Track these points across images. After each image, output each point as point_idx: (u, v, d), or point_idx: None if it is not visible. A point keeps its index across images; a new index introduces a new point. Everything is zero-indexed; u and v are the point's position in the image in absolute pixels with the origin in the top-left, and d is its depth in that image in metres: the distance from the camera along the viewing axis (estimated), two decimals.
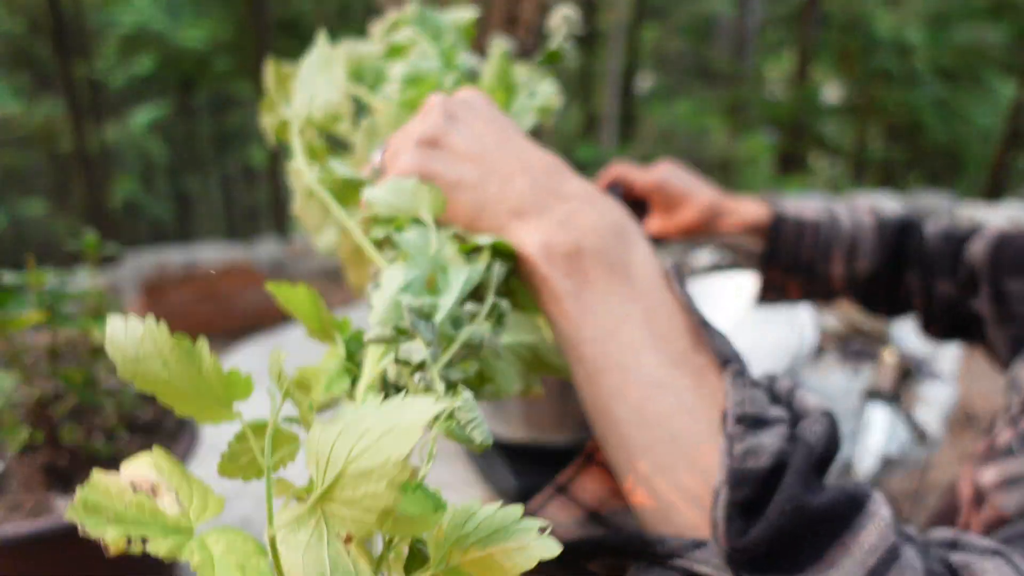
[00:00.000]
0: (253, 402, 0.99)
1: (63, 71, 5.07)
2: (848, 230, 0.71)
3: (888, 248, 0.69)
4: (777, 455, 0.28)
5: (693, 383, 0.30)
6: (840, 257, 0.70)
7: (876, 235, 0.70)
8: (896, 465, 1.02)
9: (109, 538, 0.22)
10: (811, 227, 0.72)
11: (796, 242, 0.71)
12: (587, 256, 0.31)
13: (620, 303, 0.31)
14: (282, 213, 5.98)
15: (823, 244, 0.71)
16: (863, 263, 0.69)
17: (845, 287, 0.71)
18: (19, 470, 0.66)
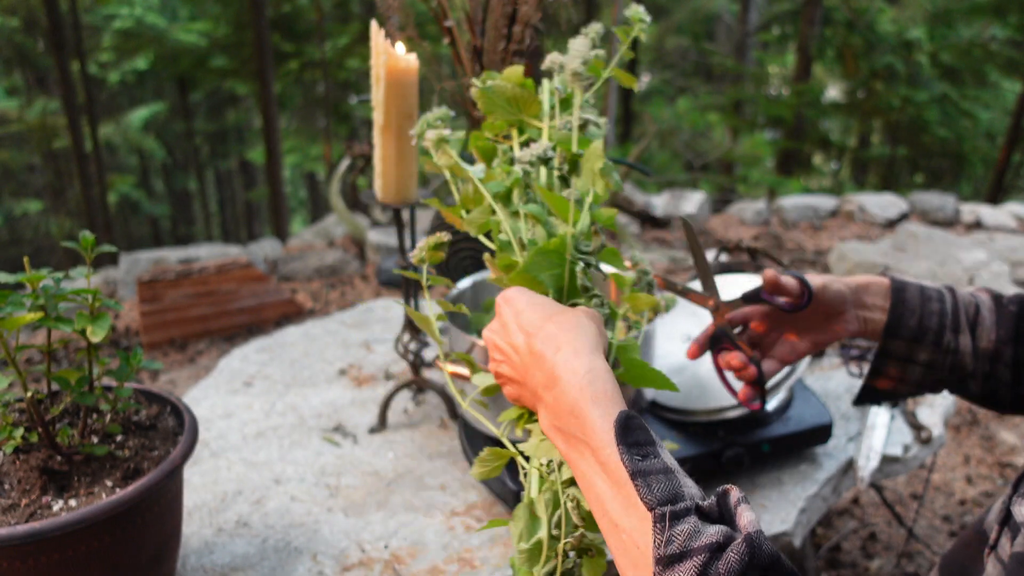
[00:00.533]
0: (254, 402, 0.98)
1: (59, 69, 5.06)
2: (969, 300, 0.66)
3: (1008, 322, 0.64)
4: None
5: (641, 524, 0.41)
6: (967, 329, 0.64)
7: (995, 308, 0.65)
8: (898, 465, 1.02)
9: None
10: (935, 292, 0.67)
11: (921, 306, 0.65)
12: (563, 429, 0.48)
13: (585, 459, 0.46)
14: (280, 213, 5.97)
15: (951, 311, 0.65)
16: (985, 340, 0.64)
17: (972, 368, 0.64)
18: (14, 471, 0.66)
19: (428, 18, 1.37)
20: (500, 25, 0.98)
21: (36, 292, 0.64)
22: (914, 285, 0.67)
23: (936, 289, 0.67)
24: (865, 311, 0.67)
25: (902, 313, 0.65)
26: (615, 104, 6.97)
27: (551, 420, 0.49)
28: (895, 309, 0.65)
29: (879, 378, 0.67)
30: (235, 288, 2.65)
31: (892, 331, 0.65)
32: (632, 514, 0.41)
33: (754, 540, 0.38)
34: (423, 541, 0.82)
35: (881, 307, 0.67)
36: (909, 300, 0.65)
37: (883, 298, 0.67)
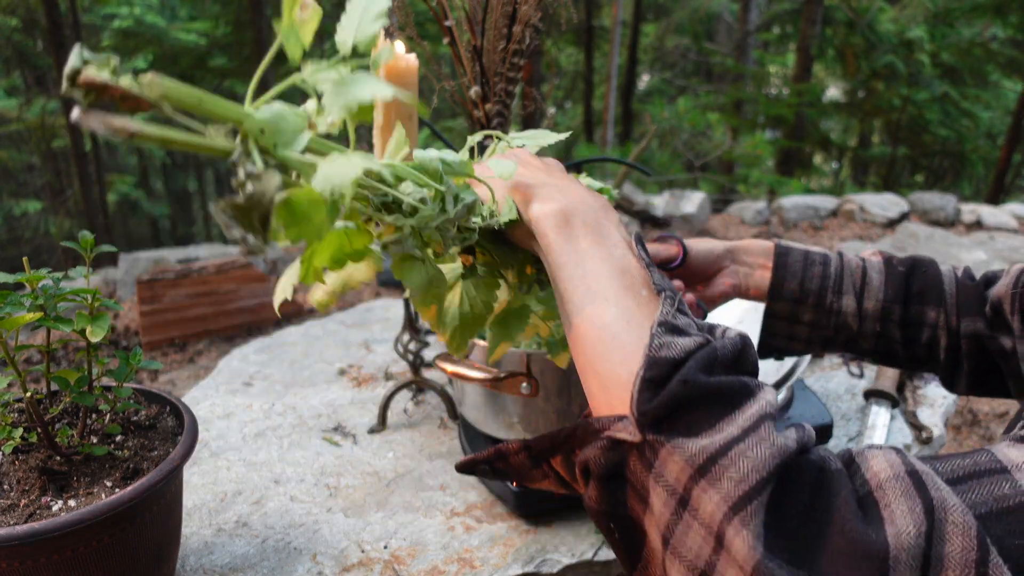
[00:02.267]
0: (253, 402, 0.98)
1: (58, 69, 5.05)
2: (856, 263, 0.68)
3: (898, 282, 0.65)
4: (687, 350, 0.37)
5: (636, 303, 0.41)
6: (851, 291, 0.66)
7: (885, 269, 0.67)
8: None
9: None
10: (819, 257, 0.69)
11: (803, 271, 0.67)
12: (574, 216, 0.47)
13: (592, 248, 0.45)
14: None
15: (834, 274, 0.67)
16: (873, 300, 0.65)
17: (858, 328, 0.66)
18: (13, 471, 0.66)
19: (428, 18, 1.36)
20: (500, 25, 0.98)
21: (35, 292, 0.64)
22: (798, 250, 0.69)
23: (822, 254, 0.69)
24: (746, 268, 0.71)
25: (784, 276, 0.68)
26: (615, 104, 6.96)
27: (564, 205, 0.47)
28: (776, 272, 0.68)
29: (771, 336, 0.71)
30: (235, 288, 2.65)
31: (775, 293, 0.68)
32: (633, 299, 0.42)
33: (747, 339, 0.39)
34: (423, 541, 0.82)
35: (763, 265, 0.70)
36: (791, 264, 0.68)
37: (765, 257, 0.70)
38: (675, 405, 0.36)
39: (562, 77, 9.11)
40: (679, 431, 0.35)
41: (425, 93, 3.16)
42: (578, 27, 7.28)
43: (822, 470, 0.34)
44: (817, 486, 0.33)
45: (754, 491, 0.32)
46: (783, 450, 0.33)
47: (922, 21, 6.43)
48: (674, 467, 0.35)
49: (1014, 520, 0.32)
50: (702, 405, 0.36)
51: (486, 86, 1.01)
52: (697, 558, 0.34)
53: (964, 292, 0.65)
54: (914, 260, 0.68)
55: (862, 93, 7.03)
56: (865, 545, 0.31)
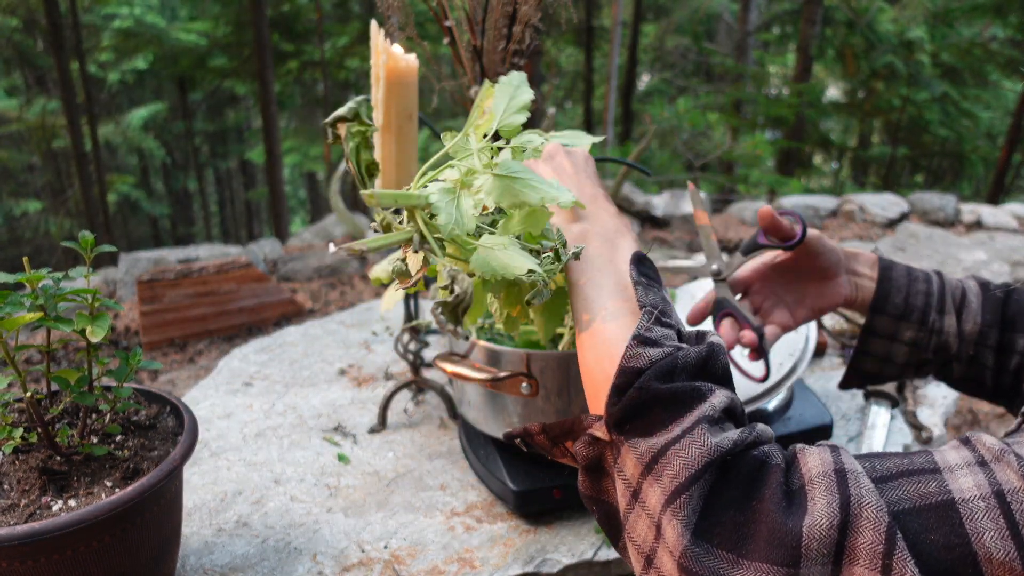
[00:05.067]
0: (253, 402, 0.98)
1: (58, 69, 5.05)
2: (956, 284, 0.66)
3: (995, 307, 0.64)
4: (652, 360, 0.42)
5: (629, 311, 0.47)
6: (952, 310, 0.64)
7: (982, 293, 0.65)
8: None
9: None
10: (922, 274, 0.67)
11: (908, 286, 0.65)
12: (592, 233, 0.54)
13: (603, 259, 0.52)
14: (280, 212, 5.97)
15: (937, 292, 0.65)
16: (971, 323, 0.64)
17: (956, 350, 0.64)
18: (13, 471, 0.66)
19: (428, 18, 1.36)
20: (500, 25, 0.98)
21: (35, 292, 0.64)
22: (901, 265, 0.68)
23: (923, 271, 0.67)
24: (856, 278, 0.68)
25: (889, 290, 0.65)
26: (615, 104, 6.96)
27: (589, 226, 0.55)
28: (882, 285, 0.66)
29: (865, 359, 0.68)
30: (235, 288, 2.65)
31: (878, 307, 0.66)
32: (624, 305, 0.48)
33: (713, 347, 0.44)
34: (423, 541, 0.82)
35: (870, 276, 0.67)
36: (896, 278, 0.66)
37: (871, 269, 0.68)
38: (633, 409, 0.41)
39: (562, 77, 9.11)
40: (637, 431, 0.41)
41: (425, 93, 3.15)
42: (578, 27, 7.27)
43: (762, 465, 0.38)
44: (751, 479, 0.37)
45: (684, 486, 0.37)
46: (714, 450, 0.37)
47: (922, 21, 6.43)
48: (629, 463, 0.40)
49: (932, 516, 0.34)
50: (657, 408, 0.40)
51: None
52: (643, 543, 0.39)
53: None
54: (1009, 286, 0.66)
55: (862, 93, 7.02)
56: (783, 532, 0.34)
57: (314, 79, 7.90)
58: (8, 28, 6.49)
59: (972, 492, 0.35)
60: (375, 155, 0.92)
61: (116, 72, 7.94)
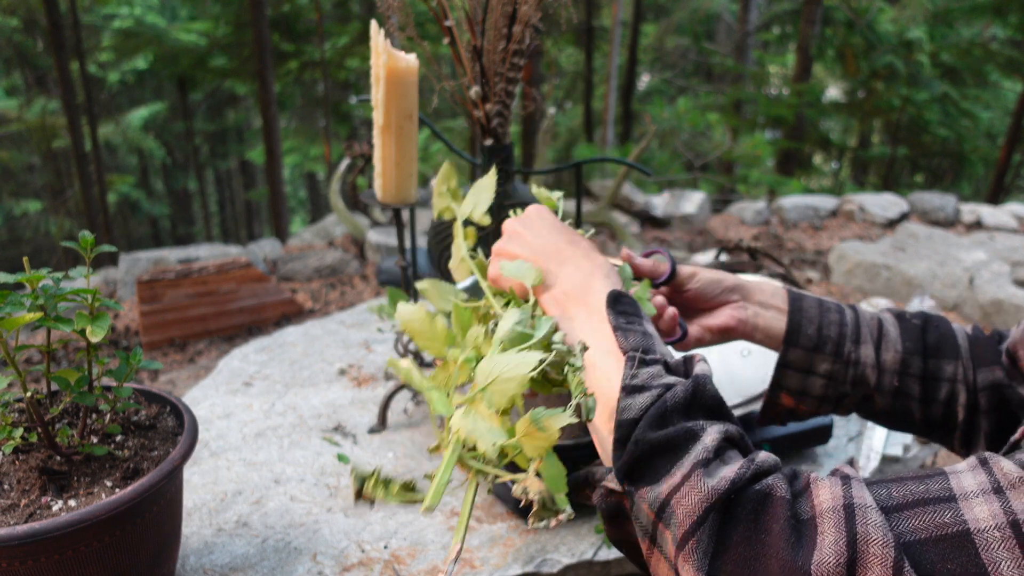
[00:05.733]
0: (253, 402, 0.98)
1: (58, 69, 5.05)
2: (871, 316, 0.65)
3: (915, 335, 0.63)
4: (643, 408, 0.44)
5: (615, 360, 0.50)
6: (869, 340, 0.63)
7: (898, 323, 0.64)
8: (898, 465, 1.02)
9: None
10: (833, 305, 0.65)
11: (820, 316, 0.64)
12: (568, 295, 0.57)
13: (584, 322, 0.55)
14: (280, 212, 5.97)
15: (851, 323, 0.64)
16: (891, 351, 0.62)
17: (876, 382, 0.62)
18: (14, 471, 0.66)
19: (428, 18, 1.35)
20: (500, 25, 0.98)
21: (36, 292, 0.64)
22: (811, 296, 0.66)
23: (835, 302, 0.66)
24: (759, 308, 0.66)
25: (800, 321, 0.64)
26: (615, 104, 6.97)
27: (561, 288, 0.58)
28: (793, 316, 0.64)
29: (780, 392, 0.66)
30: (235, 288, 2.65)
31: (791, 339, 0.64)
32: (610, 358, 0.50)
33: (699, 380, 0.45)
34: (423, 541, 0.82)
35: (778, 308, 0.66)
36: (807, 308, 0.64)
37: (780, 300, 0.66)
38: (635, 461, 0.44)
39: (562, 77, 9.11)
40: (644, 481, 0.43)
41: (425, 93, 3.15)
42: (578, 27, 7.27)
43: (765, 498, 0.39)
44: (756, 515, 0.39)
45: (690, 532, 0.39)
46: (711, 494, 0.39)
47: (922, 21, 6.43)
48: (644, 510, 0.43)
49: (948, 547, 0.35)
50: (656, 456, 0.43)
51: (486, 86, 1.01)
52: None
53: (978, 344, 0.62)
54: (926, 315, 0.65)
55: (862, 93, 7.02)
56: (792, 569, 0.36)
57: (314, 79, 7.91)
58: (8, 28, 6.49)
59: (988, 522, 0.35)
60: (375, 155, 0.92)
61: (116, 72, 7.94)
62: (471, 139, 5.53)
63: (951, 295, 2.74)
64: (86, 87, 5.86)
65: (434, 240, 1.13)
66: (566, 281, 0.57)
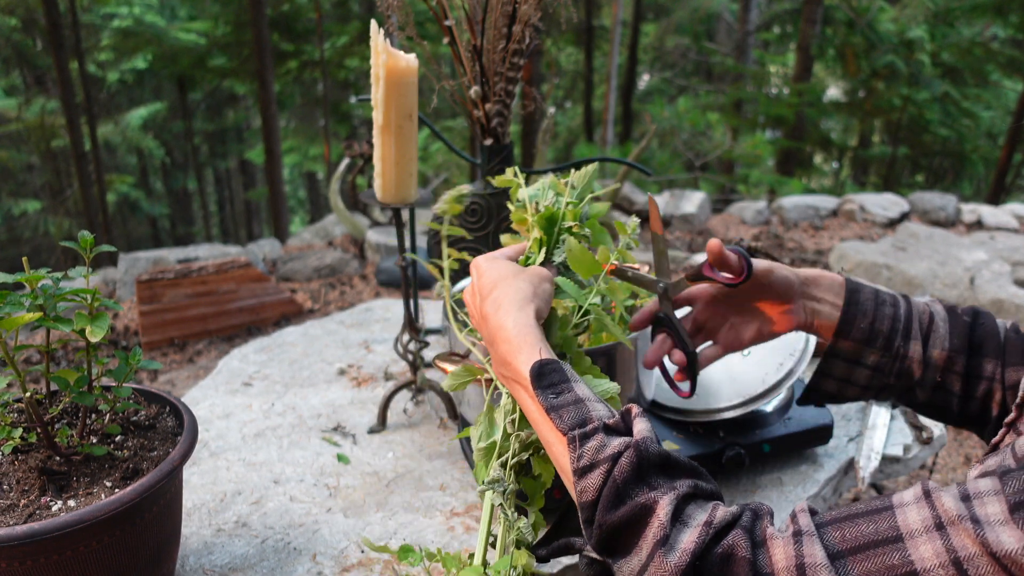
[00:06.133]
0: (253, 402, 0.98)
1: (57, 68, 5.05)
2: (924, 308, 0.65)
3: (963, 332, 0.63)
4: (596, 490, 0.47)
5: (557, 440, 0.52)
6: (919, 336, 0.63)
7: (949, 318, 0.64)
8: (899, 466, 1.02)
9: None
10: (889, 297, 0.65)
11: (875, 310, 0.64)
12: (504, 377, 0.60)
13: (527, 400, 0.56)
14: (279, 212, 5.97)
15: (904, 317, 0.64)
16: (938, 349, 0.63)
17: (920, 377, 0.63)
18: (13, 471, 0.66)
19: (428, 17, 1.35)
20: (500, 24, 0.98)
21: (35, 292, 0.64)
22: (869, 288, 0.66)
23: (891, 294, 0.66)
24: (814, 303, 0.66)
25: (855, 314, 0.64)
26: (615, 104, 6.96)
27: (496, 367, 0.61)
28: (848, 309, 0.64)
29: (826, 380, 0.67)
30: (234, 288, 2.64)
31: (843, 331, 0.64)
32: (555, 439, 0.52)
33: (640, 445, 0.47)
34: (423, 541, 0.81)
35: (832, 303, 0.66)
36: (863, 302, 0.64)
37: (835, 295, 0.66)
38: (605, 540, 0.47)
39: (562, 77, 9.10)
40: (618, 554, 0.47)
41: (425, 93, 3.14)
42: (578, 27, 7.27)
43: (727, 559, 0.42)
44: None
45: None
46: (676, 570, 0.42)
47: (922, 21, 6.43)
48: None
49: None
50: (622, 534, 0.46)
51: (486, 86, 1.01)
52: None
53: (1010, 342, 0.63)
54: (975, 311, 0.65)
55: (862, 93, 7.02)
56: None
57: (314, 79, 7.90)
58: (7, 27, 6.49)
59: (932, 561, 0.38)
60: (375, 155, 0.92)
61: (115, 72, 7.93)
62: (471, 139, 5.53)
63: (952, 295, 2.74)
64: (85, 87, 5.85)
65: (433, 240, 1.12)
66: (499, 360, 0.59)
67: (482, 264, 0.65)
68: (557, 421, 0.51)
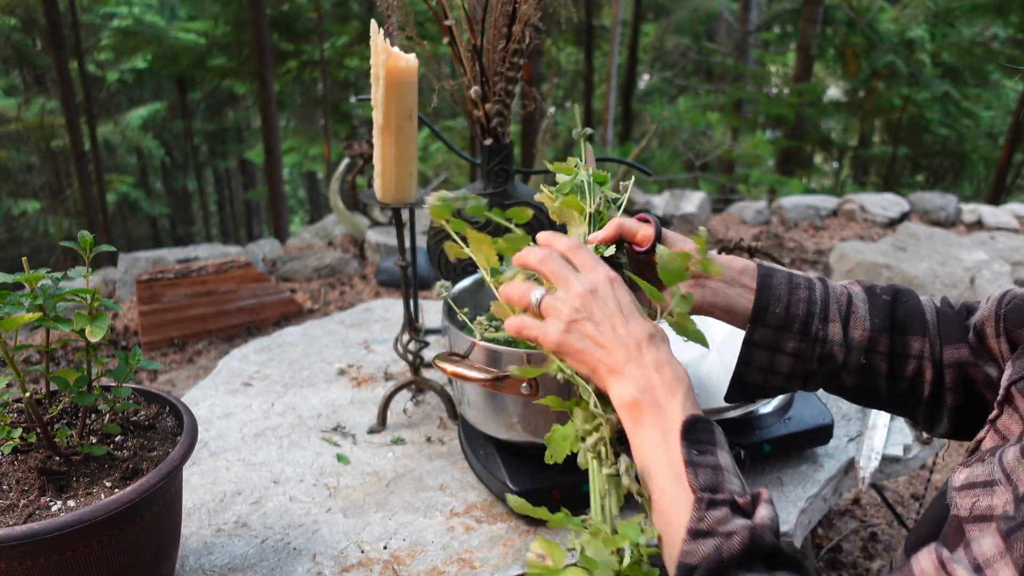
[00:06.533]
0: (253, 402, 0.98)
1: (57, 68, 5.05)
2: (841, 290, 0.64)
3: (884, 311, 0.62)
4: (703, 556, 0.46)
5: (683, 493, 0.50)
6: (837, 318, 0.62)
7: (868, 298, 0.63)
8: (899, 466, 1.02)
9: None
10: (803, 281, 0.64)
11: (789, 294, 0.62)
12: (644, 405, 0.54)
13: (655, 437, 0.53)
14: (279, 212, 5.97)
15: (820, 300, 0.63)
16: (859, 329, 0.62)
17: (843, 360, 0.62)
18: (13, 471, 0.66)
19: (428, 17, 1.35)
20: (500, 24, 0.98)
21: (35, 292, 0.64)
22: (782, 272, 0.65)
23: (806, 277, 0.65)
24: (724, 285, 0.65)
25: (768, 299, 0.63)
26: (615, 104, 6.96)
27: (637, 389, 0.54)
28: (761, 295, 0.63)
29: (748, 370, 0.65)
30: (234, 288, 2.64)
31: (758, 318, 0.63)
32: (681, 492, 0.50)
33: (756, 530, 0.46)
34: (423, 541, 0.81)
35: (746, 285, 0.65)
36: (776, 287, 0.63)
37: (750, 278, 0.65)
38: None
39: (562, 77, 9.10)
40: None
41: (425, 93, 3.14)
42: (578, 27, 7.27)
43: None
44: None
45: None
46: None
47: (923, 21, 6.43)
48: None
49: None
50: None
51: (486, 86, 1.01)
52: None
53: (946, 320, 0.62)
54: (896, 288, 0.64)
55: (862, 93, 7.02)
56: None
57: (314, 79, 7.90)
58: (7, 27, 6.49)
59: None
60: (375, 155, 0.92)
61: (115, 71, 7.93)
62: (471, 139, 5.53)
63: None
64: (85, 86, 5.85)
65: (433, 240, 1.12)
66: (642, 384, 0.54)
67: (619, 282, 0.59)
68: (691, 476, 0.49)
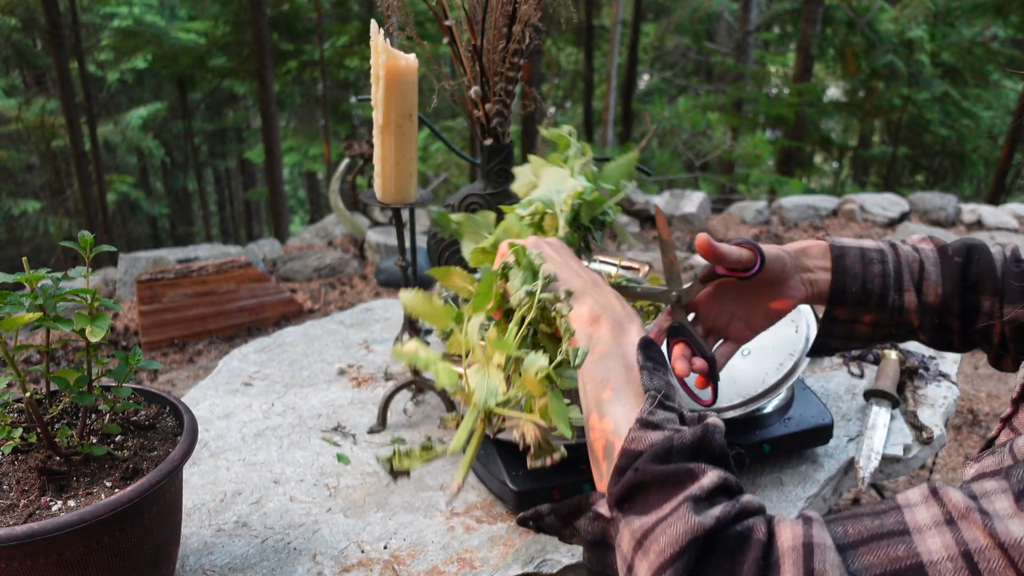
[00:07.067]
0: (253, 402, 0.98)
1: (57, 68, 5.05)
2: (912, 256, 0.65)
3: (955, 274, 0.64)
4: (651, 443, 0.45)
5: (634, 394, 0.50)
6: (911, 286, 0.64)
7: (940, 260, 0.64)
8: (899, 466, 1.02)
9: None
10: (875, 254, 0.65)
11: (863, 271, 0.64)
12: (603, 318, 0.55)
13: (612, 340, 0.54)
14: (279, 212, 5.97)
15: (893, 271, 0.64)
16: (932, 295, 0.63)
17: (919, 323, 0.64)
18: (13, 471, 0.66)
19: (428, 17, 1.36)
20: (500, 24, 0.98)
21: (35, 292, 0.64)
22: (854, 249, 0.66)
23: (877, 249, 0.66)
24: (809, 274, 0.66)
25: (844, 280, 0.65)
26: (615, 103, 6.96)
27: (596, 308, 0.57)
28: (836, 276, 0.65)
29: (829, 339, 0.68)
30: (234, 288, 2.64)
31: (836, 298, 0.65)
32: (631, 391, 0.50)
33: (709, 428, 0.46)
34: (423, 541, 0.81)
35: (824, 267, 0.66)
36: (850, 266, 0.65)
37: (825, 259, 0.66)
38: (631, 489, 0.44)
39: (562, 77, 9.11)
40: (634, 510, 0.44)
41: (425, 93, 3.15)
42: (578, 27, 7.27)
43: (743, 539, 0.41)
44: (732, 554, 0.40)
45: (669, 561, 0.40)
46: (697, 527, 0.40)
47: (922, 21, 6.43)
48: (626, 539, 0.44)
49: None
50: (652, 488, 0.44)
51: (486, 86, 1.01)
52: None
53: (1008, 277, 0.63)
54: (968, 248, 0.65)
55: (862, 93, 7.02)
56: None
57: (314, 79, 7.90)
58: (7, 27, 6.49)
59: (940, 553, 0.37)
60: (375, 155, 0.92)
61: (115, 71, 7.94)
62: (471, 139, 5.53)
63: None
64: (85, 86, 5.85)
65: (433, 240, 1.12)
66: (604, 306, 0.56)
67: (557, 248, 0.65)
68: (645, 378, 0.50)
